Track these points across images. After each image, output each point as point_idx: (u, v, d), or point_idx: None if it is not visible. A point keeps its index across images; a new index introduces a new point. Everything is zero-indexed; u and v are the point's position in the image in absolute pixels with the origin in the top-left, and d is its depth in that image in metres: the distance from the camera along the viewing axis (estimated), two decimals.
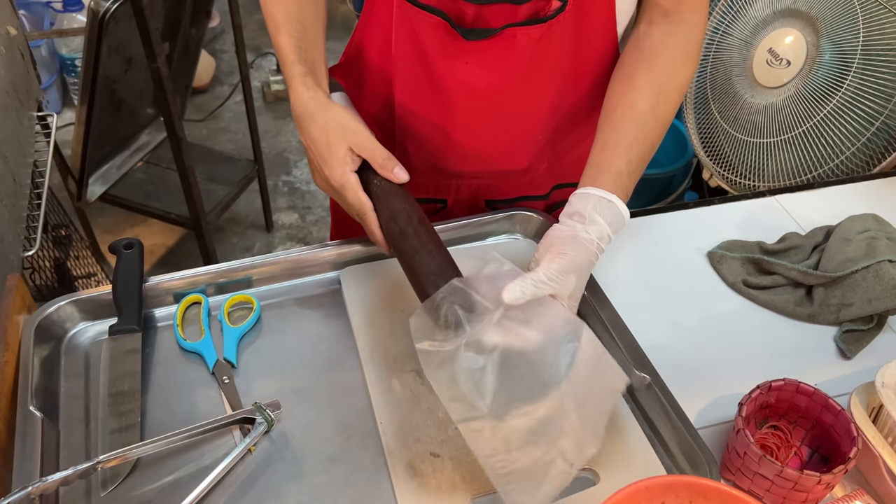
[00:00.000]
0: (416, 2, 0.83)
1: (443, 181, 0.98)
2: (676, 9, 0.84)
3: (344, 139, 0.79)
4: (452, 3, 0.82)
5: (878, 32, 1.33)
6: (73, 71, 2.63)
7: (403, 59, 0.89)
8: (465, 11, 0.83)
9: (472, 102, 0.89)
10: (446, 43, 0.85)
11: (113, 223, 2.35)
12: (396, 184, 0.80)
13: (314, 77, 0.83)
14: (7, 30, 1.05)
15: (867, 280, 0.87)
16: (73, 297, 0.82)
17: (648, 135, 0.82)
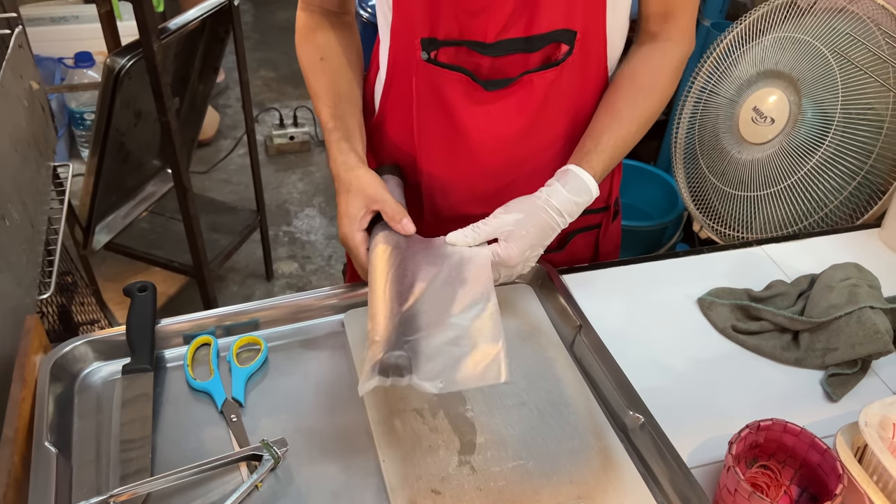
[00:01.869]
0: (438, 62, 0.90)
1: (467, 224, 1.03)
2: (663, 31, 0.95)
3: (361, 196, 0.88)
4: (470, 57, 0.90)
5: (856, 93, 1.40)
6: (80, 124, 2.70)
7: (427, 116, 0.96)
8: (482, 64, 0.90)
9: (493, 147, 0.96)
10: (469, 95, 0.92)
11: (115, 272, 2.38)
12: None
13: (349, 142, 0.92)
14: (30, 84, 1.11)
15: (850, 325, 0.91)
16: (87, 337, 0.85)
17: (623, 124, 0.92)
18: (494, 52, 0.89)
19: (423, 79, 0.93)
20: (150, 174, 2.14)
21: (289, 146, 3.03)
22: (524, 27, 0.88)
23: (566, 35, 0.88)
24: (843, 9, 1.48)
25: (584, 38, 0.90)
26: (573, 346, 0.92)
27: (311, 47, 1.00)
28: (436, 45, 0.89)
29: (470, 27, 0.88)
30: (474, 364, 0.75)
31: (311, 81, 0.99)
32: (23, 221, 0.96)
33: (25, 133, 1.05)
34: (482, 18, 0.87)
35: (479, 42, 0.89)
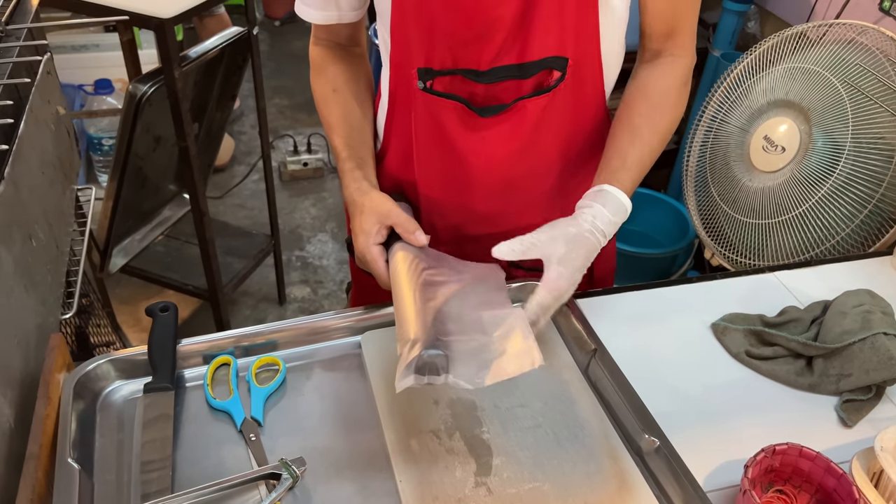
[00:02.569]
0: (433, 91, 0.93)
1: (466, 246, 1.05)
2: (665, 48, 0.97)
3: (374, 214, 0.91)
4: (465, 85, 0.92)
5: (866, 122, 1.41)
6: (98, 149, 2.74)
7: (425, 142, 0.99)
8: (476, 92, 0.93)
9: (489, 171, 0.99)
10: (464, 122, 0.94)
11: (129, 294, 2.41)
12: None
13: (362, 171, 0.96)
14: (57, 109, 1.14)
15: (864, 352, 0.91)
16: (110, 356, 0.87)
17: (644, 140, 0.93)
18: (488, 80, 0.92)
19: (420, 107, 0.96)
20: (166, 198, 2.18)
21: (302, 172, 3.07)
22: (517, 54, 0.90)
23: (558, 62, 0.90)
24: (853, 40, 1.50)
25: (577, 64, 0.92)
26: (588, 369, 0.93)
27: (323, 80, 1.03)
28: (431, 74, 0.92)
29: (464, 56, 0.91)
30: (507, 359, 0.76)
31: (325, 113, 1.03)
32: (48, 242, 0.98)
33: (52, 156, 1.07)
34: (476, 47, 0.90)
35: (473, 70, 0.91)
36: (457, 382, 0.75)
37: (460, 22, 0.88)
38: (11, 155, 0.86)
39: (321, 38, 1.04)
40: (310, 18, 1.00)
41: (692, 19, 0.97)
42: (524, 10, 0.87)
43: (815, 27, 1.57)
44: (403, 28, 0.92)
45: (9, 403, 0.75)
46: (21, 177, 0.89)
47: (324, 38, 1.04)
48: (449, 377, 0.75)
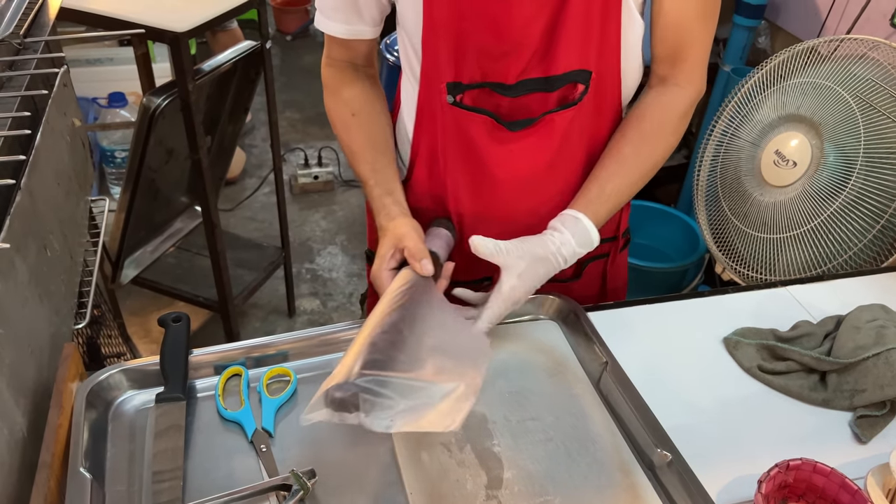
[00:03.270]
0: (463, 105, 0.93)
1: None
2: (671, 76, 0.97)
3: (391, 237, 0.92)
4: (492, 98, 0.93)
5: (878, 137, 1.41)
6: (111, 162, 2.76)
7: (453, 156, 1.00)
8: (502, 105, 0.94)
9: (517, 184, 1.00)
10: (492, 135, 0.95)
11: (139, 306, 2.42)
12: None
13: (392, 196, 0.97)
14: (73, 121, 1.15)
15: (878, 367, 0.91)
16: (122, 366, 0.87)
17: (629, 171, 0.96)
18: (515, 93, 0.93)
19: (449, 121, 0.97)
20: (178, 210, 2.19)
21: (313, 185, 3.08)
22: (543, 68, 0.91)
23: (582, 75, 0.91)
24: (864, 55, 1.50)
25: (599, 77, 0.93)
26: (599, 382, 0.93)
27: (340, 104, 1.03)
28: (461, 88, 0.93)
29: (493, 70, 0.92)
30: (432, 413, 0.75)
31: (345, 139, 1.02)
32: (63, 253, 0.99)
33: (67, 167, 1.08)
34: (505, 62, 0.91)
35: (500, 84, 0.92)
36: (366, 423, 0.73)
37: (492, 37, 0.89)
38: (28, 165, 0.87)
39: (336, 57, 1.03)
40: (332, 31, 0.99)
41: (700, 49, 0.96)
42: (552, 25, 0.88)
43: (825, 42, 1.57)
44: (434, 43, 0.92)
45: (22, 412, 0.76)
46: (37, 187, 0.90)
47: (339, 57, 1.03)
48: (361, 415, 0.74)
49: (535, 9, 0.87)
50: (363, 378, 0.75)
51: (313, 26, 4.36)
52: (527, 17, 0.87)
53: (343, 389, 0.74)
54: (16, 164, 0.85)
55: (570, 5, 0.87)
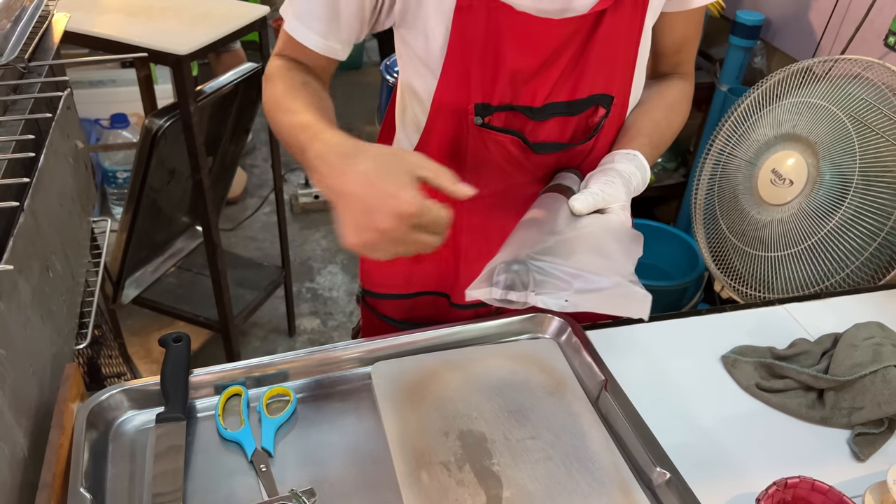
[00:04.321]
0: (492, 126, 0.93)
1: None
2: (673, 72, 1.04)
3: (401, 162, 0.71)
4: (517, 120, 0.93)
5: (874, 156, 1.42)
6: (113, 182, 2.78)
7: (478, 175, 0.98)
8: (525, 128, 0.94)
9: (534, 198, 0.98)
10: (519, 155, 0.96)
11: (140, 326, 2.42)
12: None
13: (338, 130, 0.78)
14: (76, 143, 1.16)
15: (875, 384, 0.91)
16: (123, 386, 0.87)
17: (662, 133, 0.99)
18: (539, 117, 0.93)
19: (476, 142, 0.95)
20: (179, 230, 2.20)
21: (313, 205, 3.10)
22: (568, 92, 0.92)
23: (604, 99, 0.93)
24: (858, 75, 1.51)
25: (618, 101, 0.95)
26: (598, 401, 0.93)
27: (289, 77, 0.90)
28: (489, 110, 0.92)
29: (523, 92, 0.91)
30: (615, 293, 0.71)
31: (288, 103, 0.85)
32: (65, 273, 1.00)
33: (70, 189, 1.10)
34: (535, 83, 0.90)
35: (528, 107, 0.92)
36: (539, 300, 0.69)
37: (528, 56, 0.88)
38: (31, 187, 0.88)
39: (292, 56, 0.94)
40: (307, 42, 0.90)
41: (694, 52, 1.05)
42: (583, 47, 0.89)
43: (820, 62, 1.59)
44: (461, 65, 0.89)
45: (23, 432, 0.76)
46: (40, 208, 0.91)
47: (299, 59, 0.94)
48: (530, 294, 0.69)
49: (573, 29, 0.87)
50: (534, 260, 0.72)
51: None
52: (564, 36, 0.87)
53: (514, 266, 0.70)
54: (19, 186, 0.86)
55: (601, 28, 0.87)
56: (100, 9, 1.74)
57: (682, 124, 1.04)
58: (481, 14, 0.84)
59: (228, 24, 1.71)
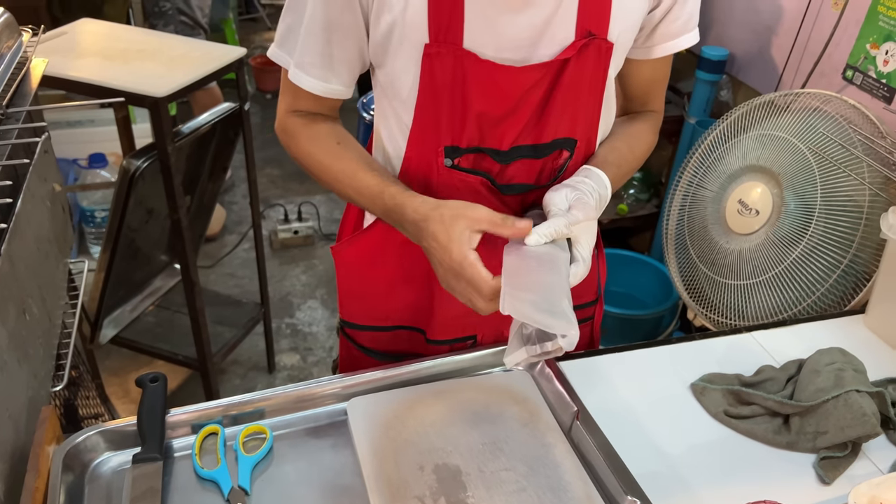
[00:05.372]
0: (461, 167, 0.96)
1: (476, 318, 1.07)
2: (642, 110, 1.08)
3: (460, 217, 0.84)
4: (484, 162, 0.96)
5: (834, 186, 1.47)
6: (91, 221, 2.78)
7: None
8: (492, 170, 0.97)
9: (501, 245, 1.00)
10: (489, 198, 0.98)
11: (118, 365, 2.40)
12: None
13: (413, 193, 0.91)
14: (53, 186, 1.18)
15: (838, 409, 0.94)
16: (99, 427, 0.88)
17: (624, 163, 1.01)
18: (506, 160, 0.96)
19: (446, 182, 0.97)
20: (158, 269, 2.20)
21: (293, 240, 3.11)
22: (534, 136, 0.95)
23: (568, 143, 0.96)
24: (818, 108, 1.57)
25: (581, 145, 0.98)
26: (571, 431, 0.95)
27: (320, 137, 0.98)
28: (458, 152, 0.95)
29: (490, 135, 0.94)
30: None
31: (336, 166, 0.96)
32: (41, 316, 1.01)
33: (47, 232, 1.11)
34: (502, 127, 0.93)
35: (496, 150, 0.95)
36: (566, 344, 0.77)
37: (494, 102, 0.91)
38: (8, 233, 0.89)
39: (303, 108, 1.00)
40: (308, 87, 0.95)
41: (664, 91, 1.09)
42: (548, 93, 0.92)
43: (782, 96, 1.65)
44: (431, 107, 0.92)
45: None
46: (17, 253, 0.92)
47: (307, 108, 1.00)
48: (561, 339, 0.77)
49: (538, 77, 0.90)
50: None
51: None
52: (529, 84, 0.90)
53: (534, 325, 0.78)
54: None
55: (565, 75, 0.91)
56: (78, 52, 1.76)
57: (647, 153, 1.07)
58: (448, 60, 0.88)
59: (206, 65, 1.74)
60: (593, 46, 0.90)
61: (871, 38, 1.73)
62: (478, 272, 0.83)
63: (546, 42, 0.89)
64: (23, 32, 1.31)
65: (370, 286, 1.11)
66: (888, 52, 1.69)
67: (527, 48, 0.89)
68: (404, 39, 0.88)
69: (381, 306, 1.13)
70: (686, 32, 0.98)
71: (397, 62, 0.91)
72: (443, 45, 0.87)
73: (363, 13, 0.89)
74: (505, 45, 0.88)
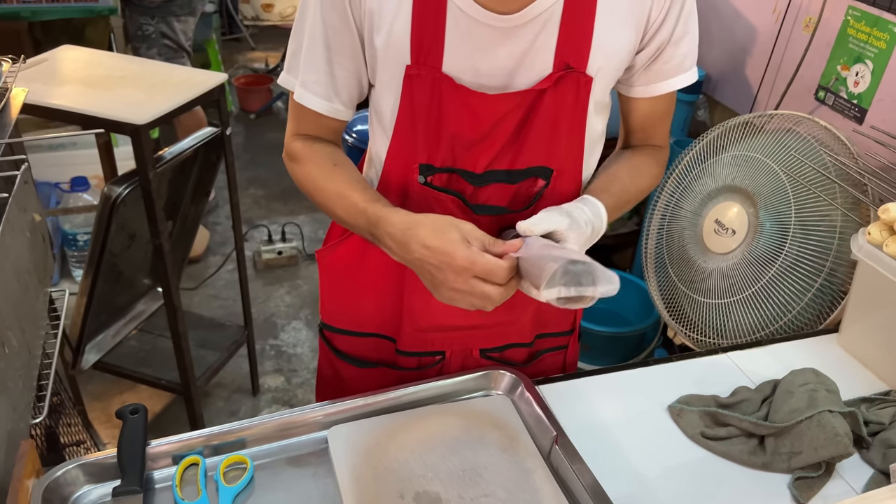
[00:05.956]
0: (433, 185, 0.98)
1: (444, 335, 1.09)
2: (644, 144, 1.08)
3: (452, 226, 0.85)
4: (459, 184, 0.98)
5: (807, 206, 1.50)
6: (73, 245, 2.77)
7: None
8: (467, 191, 0.99)
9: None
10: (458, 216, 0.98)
11: (101, 390, 2.39)
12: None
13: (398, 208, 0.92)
14: (33, 216, 1.18)
15: (811, 429, 0.96)
16: (79, 461, 0.88)
17: (624, 188, 1.01)
18: (480, 183, 0.98)
19: (418, 199, 1.00)
20: (140, 293, 2.20)
21: (277, 261, 3.11)
22: (509, 162, 0.97)
23: (543, 171, 0.98)
24: (791, 129, 1.60)
25: (560, 175, 0.99)
26: (550, 455, 0.96)
27: (317, 160, 1.00)
28: (432, 170, 0.98)
29: (463, 157, 0.97)
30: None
31: (328, 185, 0.98)
32: (21, 348, 1.01)
33: (27, 262, 1.11)
34: (476, 150, 0.96)
35: (469, 172, 0.98)
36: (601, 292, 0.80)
37: (467, 126, 0.94)
38: None
39: (306, 132, 1.03)
40: (313, 106, 0.98)
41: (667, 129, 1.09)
42: (524, 121, 0.94)
43: (757, 117, 1.68)
44: (410, 126, 0.96)
45: None
46: None
47: (309, 132, 1.03)
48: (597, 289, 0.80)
49: (513, 105, 0.92)
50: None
51: (277, 104, 4.46)
52: (502, 112, 0.93)
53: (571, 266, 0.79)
54: None
55: (542, 105, 0.93)
56: (58, 80, 1.76)
57: (651, 186, 1.07)
58: (427, 82, 0.91)
59: (187, 91, 1.75)
60: (571, 79, 0.92)
61: (841, 59, 1.77)
62: (491, 259, 0.83)
63: (524, 72, 0.92)
64: (2, 62, 1.32)
65: (348, 291, 1.14)
66: (858, 73, 1.73)
67: (504, 76, 0.92)
68: (389, 60, 0.92)
69: (357, 312, 1.15)
70: (681, 73, 0.99)
71: (383, 80, 0.96)
72: (423, 68, 0.91)
73: (359, 34, 0.93)
74: (482, 73, 0.91)
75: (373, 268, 1.10)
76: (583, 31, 0.90)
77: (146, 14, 2.81)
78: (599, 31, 0.90)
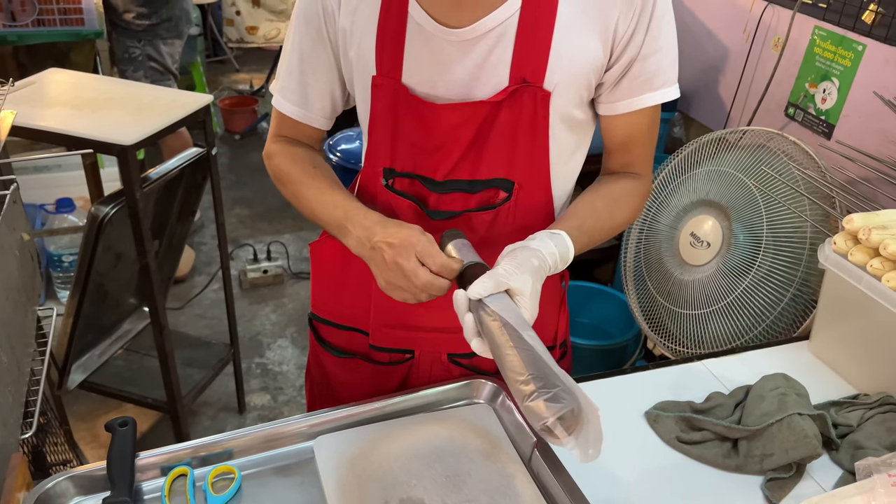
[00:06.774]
0: (394, 189, 1.03)
1: (412, 334, 1.12)
2: (624, 171, 1.06)
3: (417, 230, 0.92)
4: (420, 190, 1.03)
5: (778, 219, 1.55)
6: (58, 266, 2.77)
7: None
8: (429, 198, 1.03)
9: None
10: (418, 221, 1.02)
11: (87, 410, 2.39)
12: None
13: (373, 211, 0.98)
14: (22, 235, 1.20)
15: (782, 432, 0.99)
16: (69, 473, 0.90)
17: (599, 222, 0.99)
18: (441, 190, 1.02)
19: (382, 201, 1.06)
20: (126, 312, 2.21)
21: (262, 279, 3.13)
22: (469, 171, 1.01)
23: (504, 183, 1.01)
24: (762, 145, 1.66)
25: (523, 187, 1.01)
26: (531, 461, 0.98)
27: (297, 159, 1.07)
28: (393, 174, 1.03)
29: (423, 164, 1.01)
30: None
31: (304, 183, 1.04)
32: (10, 365, 1.02)
33: (16, 281, 1.13)
34: (434, 158, 1.00)
35: (429, 178, 1.02)
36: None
37: (421, 133, 0.99)
38: None
39: (286, 135, 1.10)
40: (286, 111, 1.06)
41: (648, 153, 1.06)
42: (481, 134, 0.97)
43: (730, 133, 1.74)
44: (378, 133, 1.03)
45: None
46: None
47: (289, 135, 1.10)
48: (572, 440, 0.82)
49: (464, 118, 0.96)
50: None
51: (261, 125, 4.50)
52: (454, 123, 0.97)
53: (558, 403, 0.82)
54: None
55: (499, 117, 0.96)
56: (46, 102, 1.79)
57: (629, 220, 1.05)
58: (388, 91, 0.98)
59: (173, 113, 1.78)
60: (528, 93, 0.94)
61: (809, 77, 1.84)
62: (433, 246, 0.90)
63: (480, 85, 0.95)
64: None
65: (333, 284, 1.18)
66: (825, 90, 1.79)
67: (461, 89, 0.96)
68: (359, 71, 1.00)
69: (339, 304, 1.19)
70: (650, 90, 0.97)
71: (358, 90, 1.03)
72: (385, 79, 0.97)
73: (333, 51, 1.01)
74: (439, 85, 0.96)
75: (355, 262, 1.09)
76: (540, 45, 0.92)
77: (133, 37, 2.84)
78: (558, 45, 0.92)
